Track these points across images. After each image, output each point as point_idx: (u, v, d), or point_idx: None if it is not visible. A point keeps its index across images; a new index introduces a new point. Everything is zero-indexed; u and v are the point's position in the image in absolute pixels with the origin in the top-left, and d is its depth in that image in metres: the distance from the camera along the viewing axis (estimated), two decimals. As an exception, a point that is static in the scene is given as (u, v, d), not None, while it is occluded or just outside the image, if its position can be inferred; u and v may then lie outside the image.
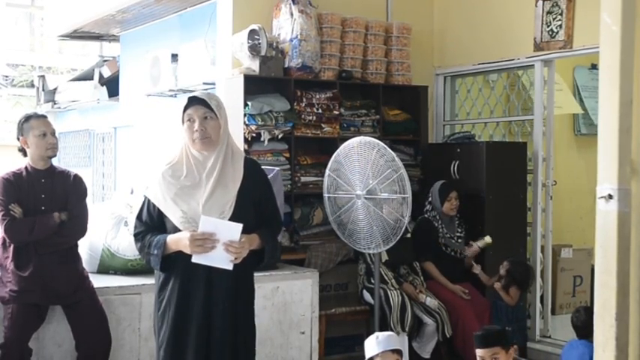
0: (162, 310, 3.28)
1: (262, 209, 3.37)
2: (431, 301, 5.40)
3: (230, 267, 3.18)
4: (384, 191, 4.93)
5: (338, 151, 5.13)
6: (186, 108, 3.26)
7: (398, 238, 4.91)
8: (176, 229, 3.23)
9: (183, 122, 3.27)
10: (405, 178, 4.89)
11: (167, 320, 3.25)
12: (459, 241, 5.77)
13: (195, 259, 3.18)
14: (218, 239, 3.15)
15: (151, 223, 3.31)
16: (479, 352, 3.69)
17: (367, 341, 3.88)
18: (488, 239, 5.64)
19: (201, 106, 3.26)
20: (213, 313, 3.23)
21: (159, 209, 3.28)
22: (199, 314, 3.23)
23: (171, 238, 3.21)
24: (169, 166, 3.30)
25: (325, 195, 5.21)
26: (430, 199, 5.75)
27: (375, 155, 4.91)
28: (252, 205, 3.31)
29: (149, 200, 3.32)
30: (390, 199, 4.91)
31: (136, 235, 3.34)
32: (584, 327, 4.51)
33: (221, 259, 3.18)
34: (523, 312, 5.67)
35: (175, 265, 3.24)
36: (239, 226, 3.16)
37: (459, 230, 5.81)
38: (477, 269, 5.64)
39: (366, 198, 4.96)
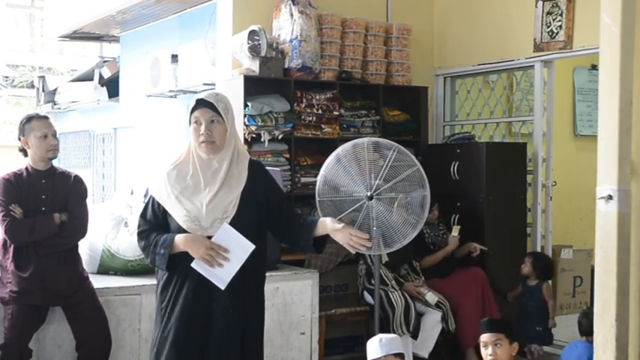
0: (165, 308, 3.27)
1: (277, 204, 3.38)
2: (431, 297, 5.40)
3: (222, 286, 3.19)
4: (391, 191, 4.86)
5: (337, 152, 5.02)
6: (193, 110, 3.25)
7: (414, 235, 4.86)
8: (180, 229, 3.23)
9: (190, 123, 3.26)
10: (424, 177, 4.86)
11: (172, 319, 3.24)
12: (444, 237, 5.82)
13: (194, 265, 3.19)
14: (228, 257, 3.18)
15: (155, 221, 3.30)
16: (483, 337, 3.70)
17: (370, 342, 3.86)
18: (457, 228, 5.71)
19: (208, 109, 3.24)
20: (215, 311, 3.23)
21: (164, 208, 3.28)
22: (202, 313, 3.22)
23: (179, 238, 3.21)
24: (175, 166, 3.30)
25: (318, 199, 4.96)
26: None
27: (392, 155, 4.83)
28: (256, 205, 3.31)
29: (153, 199, 3.32)
30: (406, 197, 4.84)
31: (139, 234, 3.32)
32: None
33: (218, 276, 3.19)
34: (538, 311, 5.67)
35: (179, 264, 3.24)
36: (251, 247, 3.19)
37: (441, 227, 5.86)
38: (475, 249, 5.68)
39: (378, 199, 4.84)
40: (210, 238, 3.21)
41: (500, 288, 5.77)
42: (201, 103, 3.26)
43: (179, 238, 3.21)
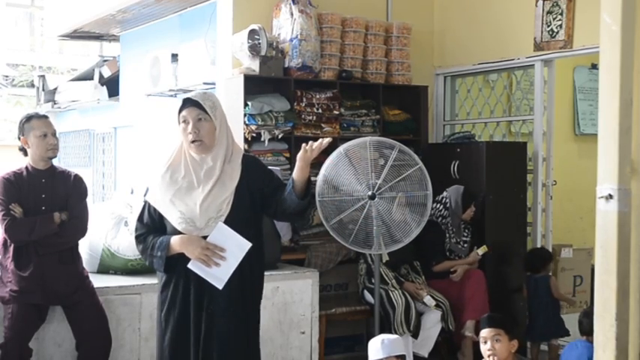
0: (167, 309, 3.28)
1: (272, 192, 3.32)
2: (429, 300, 5.40)
3: (220, 286, 3.19)
4: (393, 190, 4.86)
5: (338, 151, 5.01)
6: (180, 109, 3.27)
7: (416, 234, 4.85)
8: (176, 230, 3.24)
9: (179, 123, 3.28)
10: (426, 176, 4.85)
11: (172, 320, 3.26)
12: (465, 246, 5.76)
13: (190, 265, 3.19)
14: (224, 256, 3.17)
15: (152, 224, 3.31)
16: (483, 332, 3.71)
17: (372, 343, 3.85)
18: (485, 248, 5.67)
19: (194, 107, 3.25)
20: (214, 312, 3.23)
21: (159, 211, 3.29)
22: (201, 314, 3.23)
23: (175, 240, 3.21)
24: (167, 168, 3.31)
25: (319, 199, 4.72)
26: (447, 203, 5.69)
27: (394, 154, 4.83)
28: (251, 201, 3.30)
29: (149, 203, 3.32)
30: (409, 196, 4.84)
31: (137, 237, 3.34)
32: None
33: (215, 276, 3.20)
34: (551, 306, 5.72)
35: (178, 265, 3.24)
36: (248, 245, 3.19)
37: (465, 234, 5.79)
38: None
39: (380, 198, 4.82)
40: (205, 238, 3.21)
41: (500, 287, 5.77)
42: (187, 102, 3.27)
43: (174, 240, 3.21)
